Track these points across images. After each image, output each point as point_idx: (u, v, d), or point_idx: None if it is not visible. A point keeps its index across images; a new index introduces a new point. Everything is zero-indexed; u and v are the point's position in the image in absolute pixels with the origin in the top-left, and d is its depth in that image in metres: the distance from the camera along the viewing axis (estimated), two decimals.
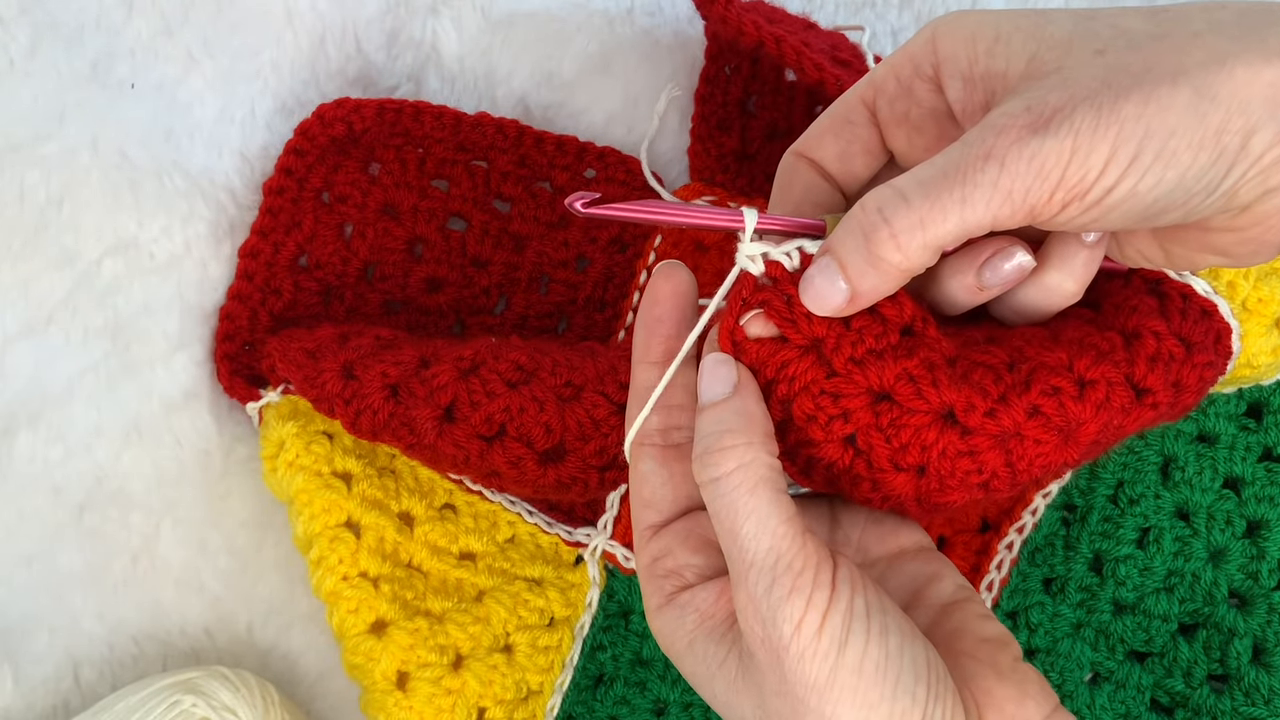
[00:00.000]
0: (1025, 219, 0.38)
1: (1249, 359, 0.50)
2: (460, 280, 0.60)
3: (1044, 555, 0.57)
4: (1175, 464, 0.57)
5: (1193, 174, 0.37)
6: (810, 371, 0.42)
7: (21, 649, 0.58)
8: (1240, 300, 0.48)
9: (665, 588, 0.42)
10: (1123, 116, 0.36)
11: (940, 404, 0.41)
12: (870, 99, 0.45)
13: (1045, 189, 0.37)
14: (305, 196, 0.59)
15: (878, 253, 0.39)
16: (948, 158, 0.38)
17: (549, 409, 0.50)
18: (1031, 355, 0.42)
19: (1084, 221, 0.38)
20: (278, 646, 0.60)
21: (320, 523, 0.55)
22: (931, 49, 0.42)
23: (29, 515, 0.58)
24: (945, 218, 0.38)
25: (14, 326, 0.58)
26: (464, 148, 0.60)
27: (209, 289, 0.60)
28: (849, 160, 0.45)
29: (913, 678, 0.38)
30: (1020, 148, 0.37)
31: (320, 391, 0.53)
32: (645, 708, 0.58)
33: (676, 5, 0.64)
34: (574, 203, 0.42)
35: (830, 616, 0.38)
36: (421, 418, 0.51)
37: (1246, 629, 0.56)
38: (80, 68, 0.60)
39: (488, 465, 0.51)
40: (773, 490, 0.39)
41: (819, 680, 0.38)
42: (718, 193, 0.60)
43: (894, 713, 0.38)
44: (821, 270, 0.40)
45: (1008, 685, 0.40)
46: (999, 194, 0.37)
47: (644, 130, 0.62)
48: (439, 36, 0.63)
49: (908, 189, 0.38)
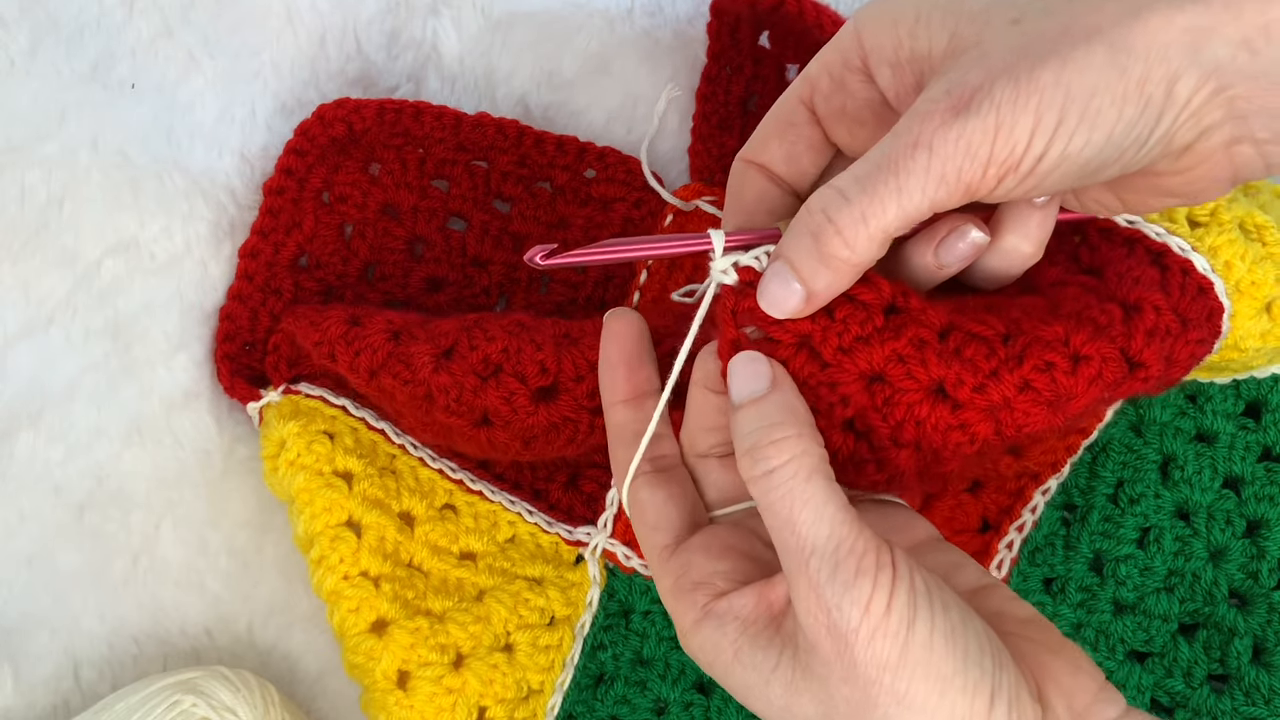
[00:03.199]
0: (964, 198, 0.39)
1: (1236, 341, 0.50)
2: (460, 280, 0.60)
3: (1044, 555, 0.57)
4: (1175, 463, 0.57)
5: (1121, 129, 0.37)
6: (806, 367, 0.43)
7: (21, 649, 0.58)
8: (1234, 281, 0.48)
9: (698, 601, 0.42)
10: (1041, 84, 0.37)
11: (930, 380, 0.42)
12: (808, 97, 0.46)
13: (977, 167, 0.38)
14: (305, 197, 0.59)
15: (827, 250, 0.40)
16: (880, 151, 0.39)
17: (546, 350, 0.51)
18: (1028, 329, 0.43)
19: (1023, 190, 0.39)
20: (278, 646, 0.60)
21: (321, 522, 0.55)
22: (857, 40, 0.43)
23: (29, 515, 0.58)
24: (884, 209, 0.39)
25: (14, 326, 0.58)
26: (464, 148, 0.60)
27: (209, 289, 0.60)
28: (796, 161, 0.46)
29: (978, 649, 0.39)
30: (945, 131, 0.38)
31: (323, 335, 0.53)
32: (646, 707, 0.58)
33: (676, 5, 0.64)
34: (534, 257, 0.43)
35: (896, 594, 0.38)
36: (419, 352, 0.51)
37: (1247, 629, 0.56)
38: (80, 68, 0.60)
39: (480, 403, 0.51)
40: (826, 479, 0.40)
41: (891, 658, 0.38)
42: (718, 192, 0.60)
43: (966, 684, 0.38)
44: (775, 275, 0.41)
45: (1060, 659, 0.40)
46: (932, 179, 0.38)
47: (644, 130, 0.62)
48: (439, 36, 0.63)
49: (846, 186, 0.39)
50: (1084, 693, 0.40)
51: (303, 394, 0.57)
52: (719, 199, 0.60)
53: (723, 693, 0.57)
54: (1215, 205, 0.49)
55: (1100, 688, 0.40)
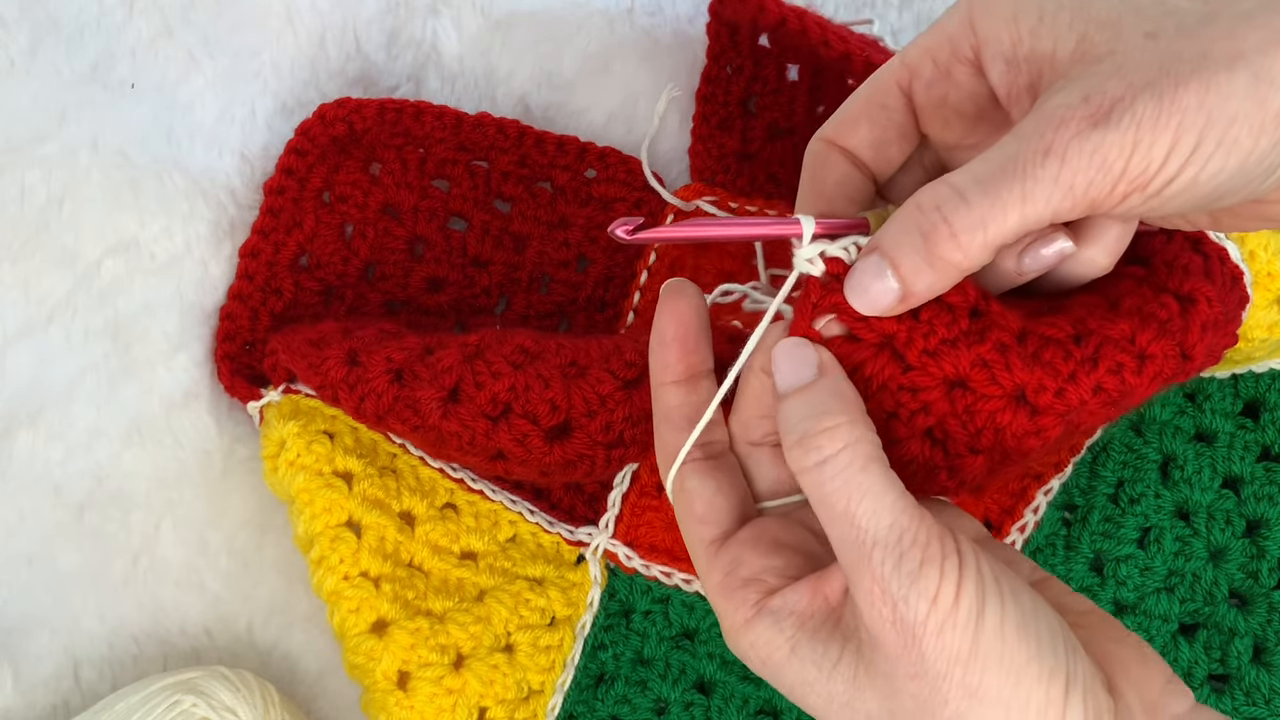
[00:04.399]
0: (1084, 211, 0.37)
1: (1244, 330, 0.50)
2: (461, 280, 0.60)
3: (1045, 556, 0.57)
4: (1175, 463, 0.57)
5: (1254, 159, 0.36)
6: (887, 369, 0.41)
7: (21, 649, 0.58)
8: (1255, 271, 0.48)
9: (750, 598, 0.40)
10: (1184, 106, 0.35)
11: (1013, 386, 0.40)
12: (905, 82, 0.43)
13: (1107, 183, 0.36)
14: (306, 196, 0.59)
15: (938, 252, 0.38)
16: (1004, 152, 0.37)
17: (554, 386, 0.50)
18: (1095, 327, 0.41)
19: (1142, 210, 0.38)
20: (278, 646, 0.60)
21: (321, 522, 0.55)
22: (970, 30, 0.41)
23: (29, 515, 0.58)
24: (1006, 216, 0.37)
25: (14, 326, 0.58)
26: (465, 148, 0.60)
27: (209, 289, 0.60)
28: (883, 147, 0.44)
29: (1051, 636, 0.37)
30: (1081, 142, 0.36)
31: (324, 379, 0.53)
32: (646, 707, 0.58)
33: (676, 5, 0.64)
34: (616, 229, 0.41)
35: (964, 584, 0.36)
36: (426, 398, 0.50)
37: (1247, 628, 0.56)
38: (80, 68, 0.60)
39: (493, 445, 0.50)
40: (883, 466, 0.38)
41: (962, 651, 0.36)
42: (718, 193, 0.60)
43: (1041, 672, 0.37)
44: (870, 269, 0.39)
45: (1126, 648, 0.39)
46: (1060, 189, 0.36)
47: (644, 130, 0.62)
48: (439, 36, 0.63)
49: (966, 187, 0.37)
50: (1153, 684, 0.39)
51: (303, 394, 0.57)
52: (719, 199, 0.60)
53: (723, 692, 0.57)
54: None
55: (1168, 679, 0.39)
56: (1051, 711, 0.37)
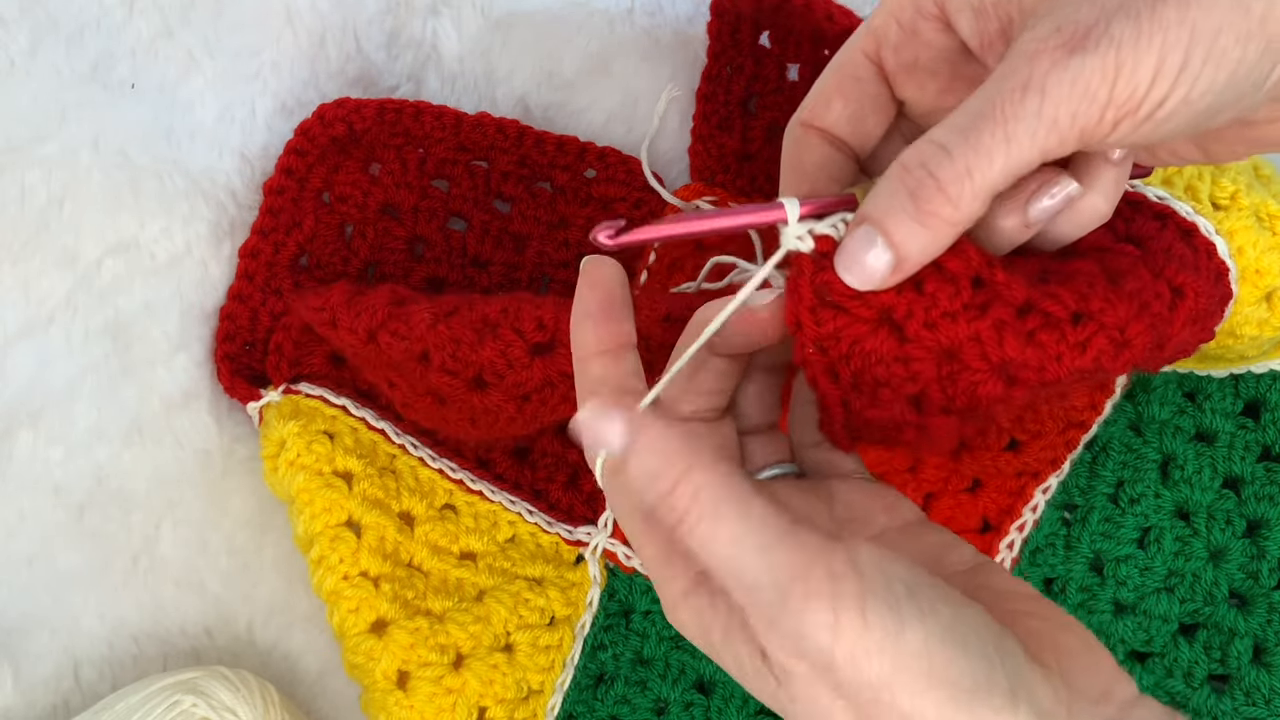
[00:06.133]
0: (1075, 145, 0.36)
1: (1233, 327, 0.50)
2: (461, 280, 0.60)
3: (1044, 555, 0.57)
4: (1175, 463, 0.57)
5: (1243, 70, 0.35)
6: (885, 344, 0.40)
7: (21, 649, 0.58)
8: (1242, 267, 0.48)
9: (690, 568, 0.38)
10: (1165, 22, 0.34)
11: (1001, 362, 0.40)
12: (873, 50, 0.42)
13: (1094, 111, 0.35)
14: (306, 196, 0.59)
15: (928, 209, 0.36)
16: (981, 98, 0.36)
17: (545, 308, 0.50)
18: (1095, 310, 0.40)
19: (1137, 138, 0.36)
20: (278, 646, 0.60)
21: (321, 522, 0.55)
22: None
23: (29, 515, 0.58)
24: (991, 161, 0.36)
25: (14, 326, 0.58)
26: (464, 148, 0.60)
27: (209, 289, 0.60)
28: (860, 121, 0.43)
29: (979, 640, 0.34)
30: (1060, 72, 0.35)
31: (325, 301, 0.53)
32: (646, 707, 0.58)
33: (676, 5, 0.64)
34: (598, 235, 0.40)
35: (869, 605, 0.33)
36: (419, 311, 0.51)
37: (1247, 629, 0.56)
38: (80, 68, 0.60)
39: (477, 359, 0.50)
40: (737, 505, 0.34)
41: (884, 676, 0.33)
42: (718, 193, 0.60)
43: (976, 680, 0.33)
44: (860, 239, 0.38)
45: (1072, 635, 0.37)
46: (1044, 125, 0.35)
47: (644, 130, 0.62)
48: (439, 36, 0.63)
49: (946, 139, 0.36)
50: (1101, 670, 0.37)
51: (303, 394, 0.57)
52: (719, 199, 0.60)
53: (723, 692, 0.57)
54: (1236, 189, 0.49)
55: (1114, 665, 0.37)
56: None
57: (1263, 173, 0.52)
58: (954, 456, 0.57)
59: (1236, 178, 0.49)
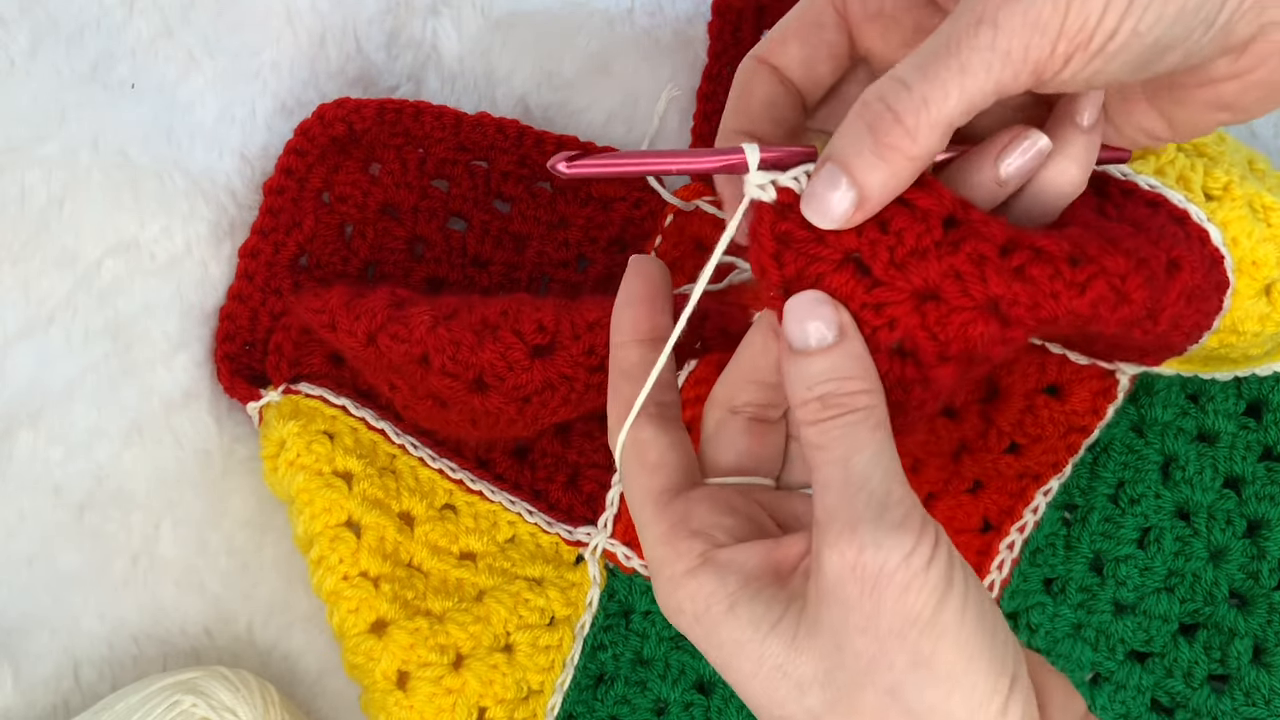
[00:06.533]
0: (1029, 80, 0.37)
1: (1234, 323, 0.49)
2: (461, 280, 0.60)
3: (1044, 555, 0.57)
4: (1176, 463, 0.57)
5: (1191, 6, 0.36)
6: (848, 285, 0.39)
7: (21, 649, 0.58)
8: (1238, 259, 0.48)
9: (696, 548, 0.39)
10: None
11: (986, 299, 0.39)
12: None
13: (1046, 43, 0.36)
14: (306, 196, 0.59)
15: (886, 141, 0.37)
16: (939, 34, 0.37)
17: (545, 310, 0.51)
18: (1095, 255, 0.40)
19: (1087, 75, 0.37)
20: (278, 646, 0.60)
21: (321, 522, 0.55)
22: None
23: (29, 515, 0.58)
24: (946, 91, 0.37)
25: (14, 326, 0.58)
26: (464, 148, 0.60)
27: (209, 289, 0.60)
28: (813, 66, 0.44)
29: (1004, 636, 0.37)
30: (1012, 4, 0.36)
31: (324, 303, 0.53)
32: (646, 707, 0.58)
33: (676, 5, 0.64)
34: (556, 163, 0.40)
35: (938, 555, 0.36)
36: (418, 313, 0.51)
37: (1247, 629, 0.56)
38: (80, 68, 0.60)
39: (477, 361, 0.50)
40: (890, 436, 0.38)
41: (923, 614, 0.36)
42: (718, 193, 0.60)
43: (992, 669, 0.36)
44: (824, 178, 0.38)
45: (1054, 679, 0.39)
46: (997, 56, 0.36)
47: (644, 130, 0.62)
48: (439, 36, 0.63)
49: (904, 73, 0.37)
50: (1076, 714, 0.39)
51: (303, 394, 0.57)
52: (719, 199, 0.60)
53: (723, 692, 0.57)
54: (1229, 180, 0.49)
55: (1086, 712, 0.39)
56: (995, 701, 0.36)
57: (1257, 166, 0.52)
58: (955, 458, 0.57)
59: (1230, 169, 0.49)
